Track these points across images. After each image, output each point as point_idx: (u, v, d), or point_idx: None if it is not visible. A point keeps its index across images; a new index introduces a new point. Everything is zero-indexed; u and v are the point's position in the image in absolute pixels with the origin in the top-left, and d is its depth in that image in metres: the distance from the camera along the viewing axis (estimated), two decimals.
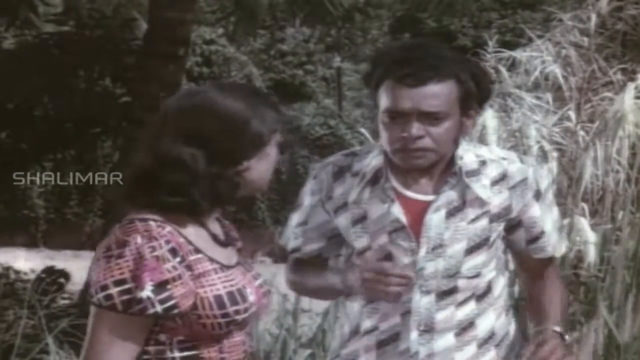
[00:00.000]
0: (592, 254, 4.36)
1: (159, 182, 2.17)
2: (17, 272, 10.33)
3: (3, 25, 10.20)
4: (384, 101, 2.52)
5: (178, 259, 2.13)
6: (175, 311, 2.12)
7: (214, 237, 2.26)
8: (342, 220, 2.63)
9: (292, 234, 2.71)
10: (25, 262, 11.15)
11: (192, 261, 2.16)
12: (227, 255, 2.28)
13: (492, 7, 21.62)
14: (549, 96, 5.83)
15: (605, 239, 4.47)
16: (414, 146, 2.51)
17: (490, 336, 2.62)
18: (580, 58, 6.09)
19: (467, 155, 2.59)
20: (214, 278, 2.19)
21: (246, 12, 10.41)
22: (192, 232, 2.21)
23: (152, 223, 2.15)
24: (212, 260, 2.21)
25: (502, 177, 2.59)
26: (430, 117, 2.49)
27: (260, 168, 2.25)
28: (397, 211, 2.56)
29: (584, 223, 4.38)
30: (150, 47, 9.07)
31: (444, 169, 2.58)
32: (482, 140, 5.26)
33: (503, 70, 5.95)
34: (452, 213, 2.56)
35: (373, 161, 2.60)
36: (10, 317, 8.35)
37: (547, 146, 5.22)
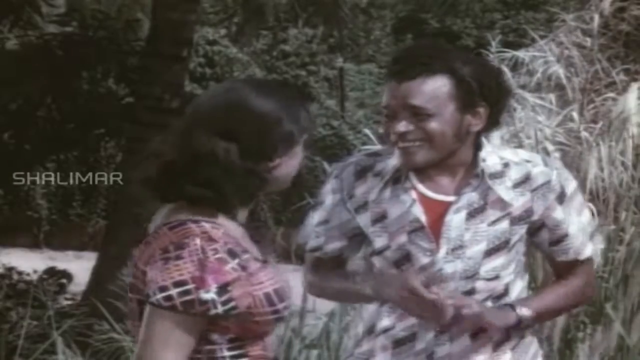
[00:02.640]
0: (598, 255, 4.35)
1: (190, 175, 2.18)
2: (19, 272, 10.32)
3: (6, 26, 10.20)
4: (383, 98, 2.56)
5: (237, 260, 2.15)
6: (235, 312, 2.14)
7: (251, 235, 2.27)
8: (363, 219, 2.63)
9: (313, 233, 2.70)
10: (28, 262, 11.15)
11: (244, 260, 2.17)
12: (259, 252, 2.29)
13: (495, 8, 21.60)
14: (552, 97, 5.83)
15: (610, 240, 4.46)
16: (403, 144, 2.52)
17: (506, 338, 2.60)
18: (583, 58, 6.09)
19: (491, 157, 2.58)
20: (261, 276, 2.19)
21: (252, 12, 10.41)
22: (237, 231, 2.23)
23: (206, 225, 2.17)
24: (256, 258, 2.22)
25: (525, 180, 2.58)
26: (418, 113, 2.49)
27: (289, 165, 2.26)
28: (418, 211, 2.56)
29: None
30: (154, 48, 9.08)
31: (466, 170, 2.58)
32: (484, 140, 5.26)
33: (506, 70, 5.95)
34: (472, 214, 2.55)
35: (394, 161, 2.60)
36: (13, 318, 8.35)
37: (550, 147, 5.22)
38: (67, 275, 10.83)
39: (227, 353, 2.20)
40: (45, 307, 6.73)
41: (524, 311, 2.56)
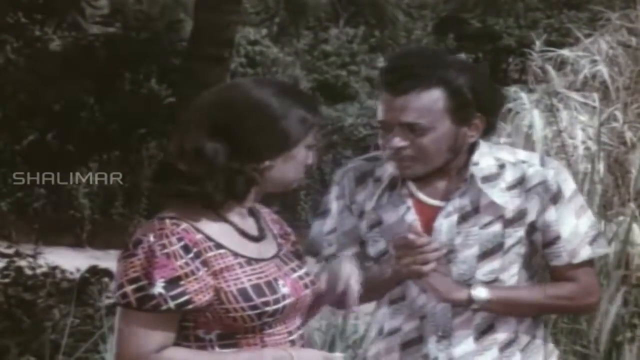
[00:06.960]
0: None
1: (180, 172, 2.19)
2: (62, 271, 10.41)
3: (50, 27, 10.29)
4: (377, 111, 2.53)
5: (191, 255, 2.16)
6: (190, 307, 2.15)
7: (241, 232, 2.27)
8: (363, 225, 2.63)
9: (324, 242, 2.67)
10: (72, 261, 11.23)
11: (210, 257, 2.18)
12: (259, 249, 2.28)
13: (537, 7, 21.46)
14: (595, 96, 5.79)
15: None
16: (398, 157, 2.50)
17: (513, 339, 2.56)
18: (627, 57, 6.05)
19: (485, 159, 2.55)
20: (238, 272, 2.20)
21: (294, 12, 10.44)
22: (215, 227, 2.23)
23: (167, 221, 2.19)
24: (236, 254, 2.22)
25: (520, 181, 2.53)
26: (412, 128, 2.46)
27: (284, 169, 2.24)
28: (412, 218, 2.55)
29: (633, 225, 4.32)
30: (196, 49, 9.12)
31: (457, 173, 2.55)
32: (528, 140, 5.23)
33: (550, 69, 5.92)
34: (464, 218, 2.52)
35: (391, 167, 2.58)
36: (56, 316, 8.40)
37: (594, 146, 5.18)
38: (108, 273, 10.91)
39: (218, 350, 2.20)
40: (88, 305, 6.78)
41: (480, 292, 2.49)
